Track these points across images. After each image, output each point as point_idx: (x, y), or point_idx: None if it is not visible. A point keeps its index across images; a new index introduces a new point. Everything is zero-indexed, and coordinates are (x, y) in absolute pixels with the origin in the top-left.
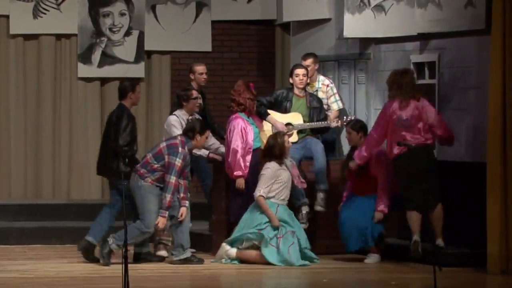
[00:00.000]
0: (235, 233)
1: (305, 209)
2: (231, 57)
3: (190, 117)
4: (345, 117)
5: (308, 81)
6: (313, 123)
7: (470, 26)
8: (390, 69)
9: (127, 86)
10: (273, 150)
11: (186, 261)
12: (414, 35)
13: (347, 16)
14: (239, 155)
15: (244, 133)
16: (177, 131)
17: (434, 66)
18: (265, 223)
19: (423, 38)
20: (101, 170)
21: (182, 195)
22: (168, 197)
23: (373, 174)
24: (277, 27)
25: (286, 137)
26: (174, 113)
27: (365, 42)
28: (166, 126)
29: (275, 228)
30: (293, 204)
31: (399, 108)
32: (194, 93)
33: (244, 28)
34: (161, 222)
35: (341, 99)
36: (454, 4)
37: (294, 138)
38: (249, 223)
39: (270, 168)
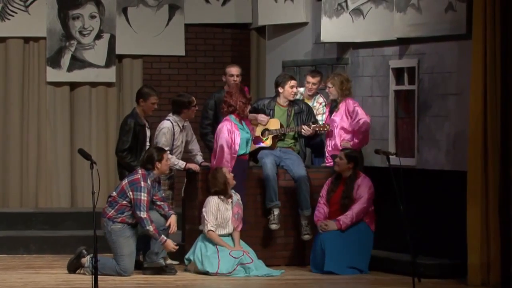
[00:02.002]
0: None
1: (276, 211)
2: (205, 61)
3: (186, 123)
4: (317, 124)
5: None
6: (286, 128)
7: (451, 31)
8: (368, 75)
9: (142, 93)
10: (213, 187)
11: (158, 270)
12: (393, 40)
13: (324, 20)
14: (226, 153)
15: (230, 137)
16: (164, 142)
17: (413, 71)
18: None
19: (403, 43)
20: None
21: (166, 209)
22: (150, 228)
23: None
24: (252, 31)
25: (227, 174)
26: (168, 117)
27: (343, 47)
28: (157, 132)
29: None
30: (264, 205)
31: None
32: (194, 100)
33: (219, 31)
34: (168, 244)
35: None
36: (434, 8)
37: (268, 142)
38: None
39: (210, 202)
